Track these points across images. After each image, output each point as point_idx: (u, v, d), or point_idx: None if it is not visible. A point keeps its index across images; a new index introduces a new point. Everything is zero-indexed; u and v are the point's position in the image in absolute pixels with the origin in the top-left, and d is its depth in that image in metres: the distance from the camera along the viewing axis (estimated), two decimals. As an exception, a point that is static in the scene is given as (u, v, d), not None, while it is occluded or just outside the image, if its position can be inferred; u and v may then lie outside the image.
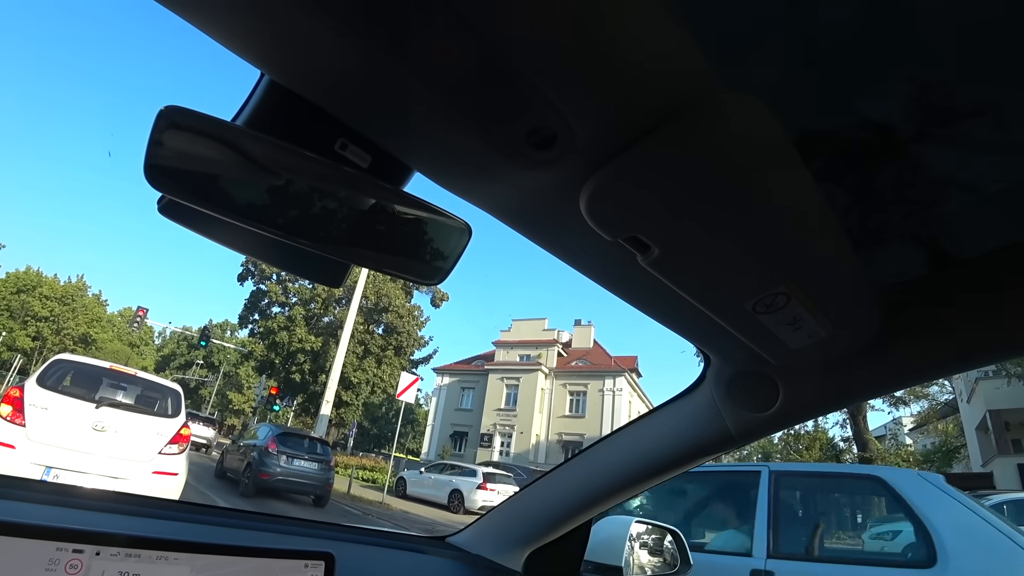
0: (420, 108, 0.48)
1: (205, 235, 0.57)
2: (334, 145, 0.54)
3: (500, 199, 0.60)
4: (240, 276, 29.52)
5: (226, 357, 47.31)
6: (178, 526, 0.99)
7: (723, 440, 0.99)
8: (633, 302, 0.78)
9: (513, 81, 0.43)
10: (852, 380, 0.85)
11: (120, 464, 4.78)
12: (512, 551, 1.32)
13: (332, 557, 0.67)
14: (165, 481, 5.02)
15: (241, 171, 0.48)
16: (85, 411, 4.80)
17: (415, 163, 0.58)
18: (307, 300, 28.26)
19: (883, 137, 0.57)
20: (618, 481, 1.16)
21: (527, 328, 37.01)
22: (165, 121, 0.43)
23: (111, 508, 0.97)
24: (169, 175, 0.45)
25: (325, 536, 1.22)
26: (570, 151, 0.49)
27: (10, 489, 0.90)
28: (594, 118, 0.47)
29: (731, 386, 0.94)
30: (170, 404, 5.58)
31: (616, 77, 0.44)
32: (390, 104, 0.49)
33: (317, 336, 27.23)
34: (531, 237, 0.66)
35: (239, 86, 1.19)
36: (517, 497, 1.38)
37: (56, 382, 4.96)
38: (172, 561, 0.56)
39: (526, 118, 0.46)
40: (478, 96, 0.45)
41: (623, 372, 32.68)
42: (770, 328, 0.69)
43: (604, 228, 0.53)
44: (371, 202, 0.54)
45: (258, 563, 0.62)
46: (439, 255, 0.59)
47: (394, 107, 0.49)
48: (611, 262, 0.69)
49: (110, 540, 0.53)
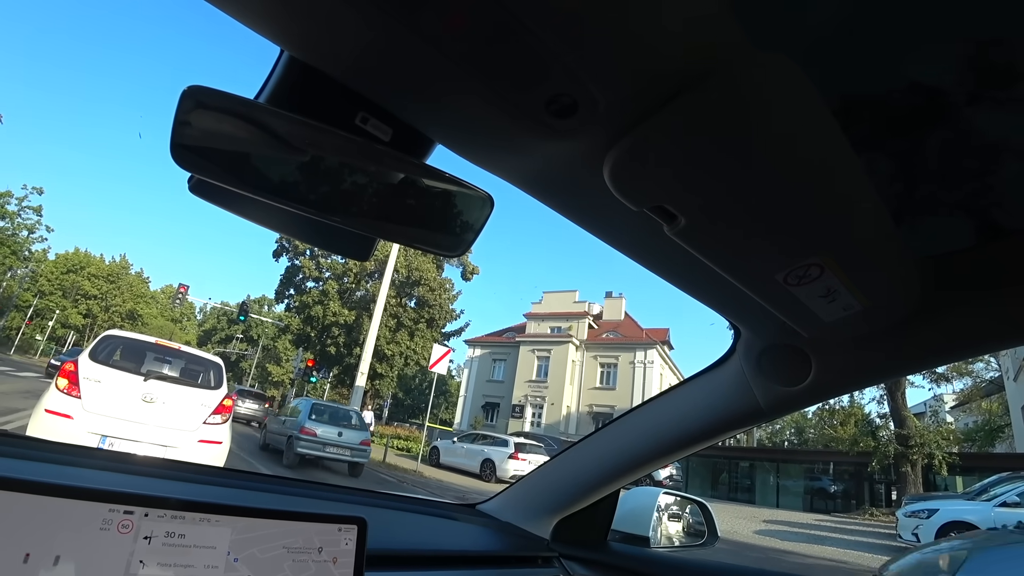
0: (439, 78, 0.47)
1: (234, 212, 0.58)
2: (355, 119, 0.54)
3: (522, 169, 0.59)
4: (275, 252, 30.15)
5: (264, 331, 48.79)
6: (220, 491, 1.05)
7: (753, 413, 0.98)
8: (661, 273, 0.77)
9: (531, 47, 0.42)
10: (888, 355, 0.83)
11: (168, 433, 5.01)
12: (540, 519, 1.35)
13: (364, 521, 0.69)
14: (210, 449, 5.25)
15: (264, 148, 0.49)
16: (134, 383, 5.03)
17: (436, 135, 0.57)
18: (340, 275, 28.73)
19: (930, 101, 0.53)
20: (647, 452, 1.17)
21: (558, 300, 37.01)
22: (189, 101, 0.44)
23: (159, 474, 1.03)
24: (195, 154, 0.47)
25: (359, 502, 1.27)
26: (592, 119, 0.48)
27: (71, 456, 0.97)
28: (617, 84, 0.45)
29: (761, 359, 0.92)
30: (212, 376, 5.80)
31: (640, 39, 0.42)
32: (409, 75, 0.48)
33: (351, 310, 27.75)
34: (555, 207, 0.65)
35: (261, 65, 1.20)
36: (546, 467, 1.40)
37: (107, 356, 5.20)
38: (214, 523, 0.59)
39: (545, 86, 0.45)
40: (496, 64, 0.44)
41: (654, 344, 32.47)
42: (802, 300, 0.67)
43: (629, 198, 0.52)
44: (393, 175, 0.54)
45: (294, 526, 0.65)
46: (462, 226, 0.59)
47: (413, 78, 0.49)
48: (637, 232, 0.67)
49: (158, 503, 0.57)
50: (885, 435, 19.78)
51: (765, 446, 34.50)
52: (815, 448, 31.70)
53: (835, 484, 23.25)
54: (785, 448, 36.87)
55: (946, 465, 18.04)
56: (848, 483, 22.87)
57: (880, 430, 20.69)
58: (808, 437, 37.83)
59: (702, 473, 26.61)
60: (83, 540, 0.52)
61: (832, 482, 23.39)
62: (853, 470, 22.23)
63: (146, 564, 0.54)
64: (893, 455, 18.37)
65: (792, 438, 42.21)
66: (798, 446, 38.21)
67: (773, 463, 25.70)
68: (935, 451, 17.96)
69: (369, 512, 0.70)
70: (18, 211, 44.16)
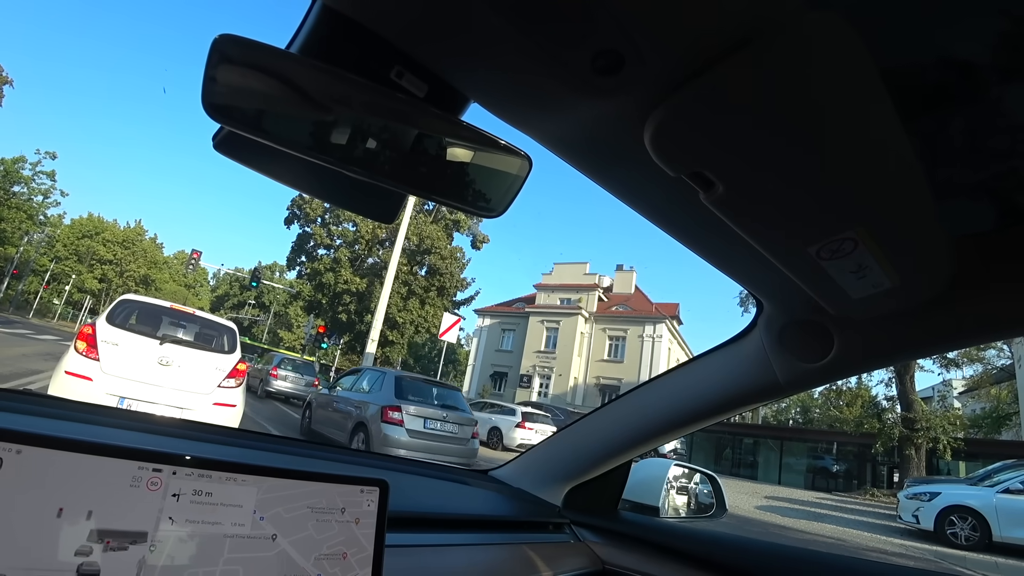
0: (480, 31, 0.45)
1: (259, 170, 0.57)
2: (390, 73, 0.52)
3: (558, 130, 0.57)
4: (287, 220, 30.24)
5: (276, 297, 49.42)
6: (242, 451, 1.06)
7: (770, 388, 0.98)
8: (687, 243, 0.76)
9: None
10: (911, 335, 0.81)
11: (184, 396, 5.11)
12: (552, 486, 1.37)
13: (386, 484, 0.70)
14: (225, 412, 5.35)
15: (297, 100, 0.47)
16: (150, 347, 5.11)
17: (473, 92, 0.55)
18: (351, 242, 28.81)
19: (972, 77, 0.51)
20: (661, 423, 1.17)
21: (568, 272, 37.01)
22: (219, 52, 0.43)
23: (181, 434, 1.05)
24: (226, 104, 0.45)
25: (376, 465, 1.29)
26: (637, 77, 0.46)
27: (95, 415, 0.99)
28: (665, 40, 0.43)
29: (783, 334, 0.92)
30: (226, 341, 5.88)
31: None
32: (449, 28, 0.46)
33: (362, 278, 27.91)
34: (586, 171, 0.64)
35: (293, 12, 1.13)
36: (559, 435, 1.41)
37: (124, 320, 5.29)
38: (240, 482, 0.60)
39: (592, 40, 0.43)
40: (543, 15, 0.42)
41: (664, 319, 32.50)
42: (832, 275, 0.66)
43: (668, 162, 0.50)
44: (429, 132, 0.53)
45: (318, 487, 0.65)
46: (498, 187, 0.57)
47: (453, 31, 0.47)
48: (670, 199, 0.66)
49: (185, 461, 0.57)
50: (891, 418, 19.81)
51: (770, 424, 34.68)
52: (819, 428, 31.84)
53: (837, 464, 23.44)
54: (790, 426, 37.09)
55: (950, 450, 18.08)
56: (851, 463, 23.06)
57: (886, 413, 20.72)
58: (813, 416, 38.00)
59: (706, 448, 26.87)
60: (114, 496, 0.52)
61: (835, 462, 23.58)
62: (856, 451, 22.39)
63: (175, 520, 0.55)
64: (898, 438, 18.42)
65: (797, 416, 42.40)
66: (803, 425, 38.41)
67: (777, 440, 25.88)
68: (940, 436, 17.97)
69: (386, 475, 0.71)
70: (32, 176, 44.46)
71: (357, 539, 0.66)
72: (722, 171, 0.51)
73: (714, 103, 0.46)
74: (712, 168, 0.51)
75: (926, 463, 18.61)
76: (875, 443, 19.45)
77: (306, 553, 0.62)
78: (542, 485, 1.38)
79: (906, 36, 0.48)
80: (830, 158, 0.49)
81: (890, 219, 0.57)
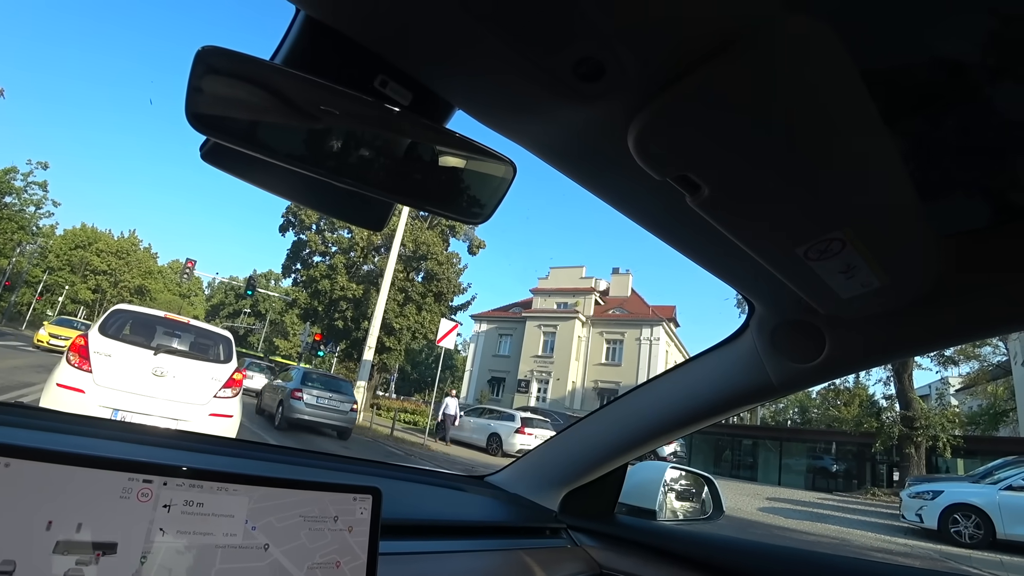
0: (462, 39, 0.46)
1: (248, 180, 0.57)
2: (374, 82, 0.53)
3: (543, 136, 0.58)
4: (281, 227, 30.08)
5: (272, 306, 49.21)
6: (234, 461, 1.06)
7: (764, 390, 0.98)
8: (677, 246, 0.76)
9: (561, 6, 0.40)
10: (903, 334, 0.82)
11: (179, 407, 5.05)
12: (548, 491, 1.36)
13: (379, 491, 0.70)
14: (221, 423, 5.29)
15: (282, 111, 0.48)
16: (145, 357, 5.05)
17: (457, 99, 0.56)
18: (347, 249, 28.70)
19: (955, 76, 0.51)
20: (656, 427, 1.17)
21: (565, 276, 37.00)
22: (203, 63, 0.43)
23: (174, 444, 1.04)
24: (211, 117, 0.45)
25: (371, 473, 1.29)
26: (619, 84, 0.47)
27: (87, 427, 0.98)
28: (646, 46, 0.44)
29: (775, 335, 0.92)
30: (222, 350, 5.84)
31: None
32: (430, 36, 0.47)
33: (358, 284, 27.79)
34: (574, 177, 0.64)
35: (276, 25, 1.16)
36: (555, 440, 1.41)
37: (117, 330, 5.22)
38: (232, 492, 0.60)
39: (574, 47, 0.43)
40: (524, 24, 0.42)
41: (660, 322, 32.53)
42: (821, 276, 0.66)
43: (652, 166, 0.51)
44: (414, 140, 0.53)
45: (310, 495, 0.65)
46: (483, 193, 0.58)
47: (435, 39, 0.47)
48: (657, 203, 0.66)
49: (176, 472, 0.57)
50: (890, 416, 19.85)
51: (768, 425, 34.71)
52: (818, 428, 31.88)
53: (837, 464, 23.46)
54: (788, 427, 37.10)
55: (950, 448, 18.11)
56: (850, 463, 23.07)
57: (884, 411, 20.76)
58: (811, 417, 38.04)
59: (705, 450, 26.85)
60: (104, 508, 0.52)
61: (834, 461, 23.60)
62: (856, 450, 22.42)
63: (166, 532, 0.55)
64: (897, 436, 18.45)
65: (795, 417, 42.43)
66: (801, 425, 38.43)
67: (776, 441, 25.89)
68: (940, 433, 18.00)
69: (381, 483, 0.71)
70: (24, 187, 44.21)
71: (350, 547, 0.66)
72: (707, 174, 0.52)
73: (696, 107, 0.46)
74: (697, 171, 0.51)
75: (926, 461, 18.63)
76: (874, 442, 19.47)
77: (299, 562, 0.62)
78: (538, 490, 1.38)
79: (892, 37, 0.49)
80: (814, 160, 0.50)
81: (877, 219, 0.58)
